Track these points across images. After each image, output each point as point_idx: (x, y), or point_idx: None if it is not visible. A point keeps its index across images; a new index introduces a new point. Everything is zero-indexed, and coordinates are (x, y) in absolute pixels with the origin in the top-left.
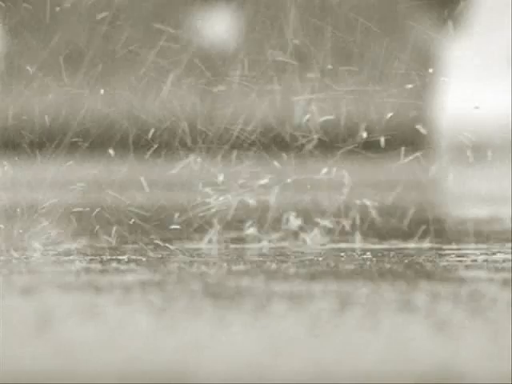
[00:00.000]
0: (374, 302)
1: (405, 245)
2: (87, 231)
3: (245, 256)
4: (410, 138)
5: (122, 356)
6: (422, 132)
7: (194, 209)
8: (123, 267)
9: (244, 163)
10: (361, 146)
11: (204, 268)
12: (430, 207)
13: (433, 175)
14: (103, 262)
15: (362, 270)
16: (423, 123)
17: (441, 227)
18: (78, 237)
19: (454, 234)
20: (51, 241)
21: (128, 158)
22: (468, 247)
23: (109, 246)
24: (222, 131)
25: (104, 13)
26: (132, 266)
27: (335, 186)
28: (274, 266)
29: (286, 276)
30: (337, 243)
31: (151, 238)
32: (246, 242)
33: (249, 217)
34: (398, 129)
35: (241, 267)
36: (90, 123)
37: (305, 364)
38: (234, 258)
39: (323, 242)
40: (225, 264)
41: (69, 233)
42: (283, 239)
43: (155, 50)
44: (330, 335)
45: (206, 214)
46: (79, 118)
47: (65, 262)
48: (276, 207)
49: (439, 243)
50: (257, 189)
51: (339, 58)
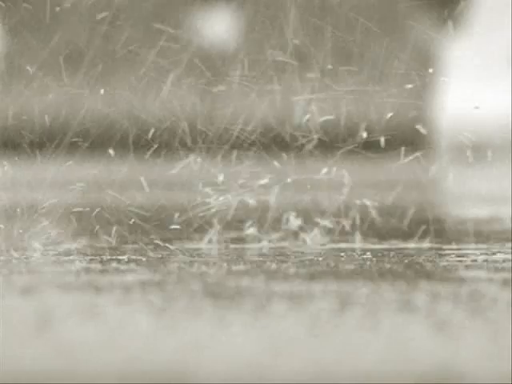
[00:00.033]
0: (374, 302)
1: (405, 245)
2: (87, 231)
3: (245, 256)
4: (410, 138)
5: (121, 356)
6: (422, 132)
7: (194, 209)
8: (123, 267)
9: (244, 163)
10: (361, 146)
11: (204, 268)
12: (430, 207)
13: (433, 175)
14: (103, 262)
15: (362, 269)
16: (423, 123)
17: (441, 227)
18: (77, 237)
19: (454, 233)
20: (51, 241)
21: (128, 158)
22: (468, 247)
23: (109, 245)
24: (222, 131)
25: (104, 13)
26: (132, 266)
27: (335, 185)
28: (273, 265)
29: (286, 276)
30: (337, 243)
31: (151, 238)
32: (246, 241)
33: (249, 217)
34: (398, 129)
35: (241, 267)
36: (89, 123)
37: (305, 364)
38: (234, 258)
39: (323, 242)
40: (225, 264)
41: (69, 233)
42: (283, 239)
43: (155, 50)
44: (329, 335)
45: (205, 214)
46: (79, 118)
47: (65, 261)
48: (276, 207)
49: (439, 243)
50: (257, 189)
51: (339, 58)
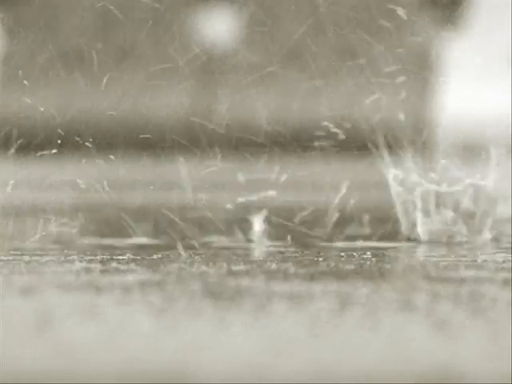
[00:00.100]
0: (374, 301)
1: (403, 245)
2: (87, 231)
3: (245, 256)
4: (409, 138)
5: (121, 356)
6: (422, 132)
7: (194, 209)
8: (123, 267)
9: (244, 163)
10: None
11: (204, 268)
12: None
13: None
14: (103, 262)
15: (362, 269)
16: (423, 123)
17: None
18: (78, 236)
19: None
20: (52, 241)
21: (128, 158)
22: (468, 247)
23: (109, 245)
24: (223, 130)
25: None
26: (132, 266)
27: (334, 185)
28: (273, 266)
29: (286, 276)
30: (337, 243)
31: (152, 238)
32: (248, 242)
33: (251, 217)
34: (396, 128)
35: (241, 267)
36: (90, 123)
37: (305, 364)
38: (234, 258)
39: (323, 242)
40: (225, 264)
41: (69, 232)
42: (284, 239)
43: (155, 50)
44: (329, 335)
45: (205, 214)
46: (80, 118)
47: (65, 262)
48: (280, 207)
49: (439, 243)
50: (259, 189)
51: (339, 57)
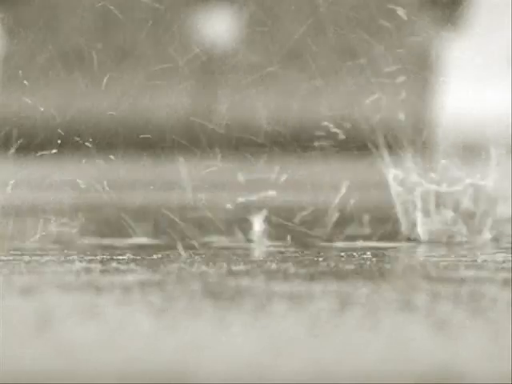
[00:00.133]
0: (374, 302)
1: (403, 245)
2: (87, 231)
3: (245, 256)
4: (409, 138)
5: (121, 356)
6: (422, 132)
7: (194, 209)
8: (123, 267)
9: (244, 163)
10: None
11: (204, 268)
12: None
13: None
14: (103, 262)
15: (362, 269)
16: (423, 123)
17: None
18: (78, 236)
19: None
20: (52, 241)
21: (128, 158)
22: (468, 247)
23: (109, 245)
24: (223, 130)
25: (104, 12)
26: (132, 266)
27: (334, 185)
28: (273, 266)
29: (286, 276)
30: (337, 243)
31: (152, 238)
32: (248, 242)
33: (251, 217)
34: (396, 128)
35: (241, 267)
36: (90, 123)
37: (305, 364)
38: (234, 258)
39: (323, 242)
40: (225, 264)
41: (69, 232)
42: (284, 239)
43: (155, 50)
44: (329, 335)
45: (205, 214)
46: (80, 118)
47: (65, 262)
48: (280, 207)
49: (439, 243)
50: (259, 189)
51: (339, 57)
